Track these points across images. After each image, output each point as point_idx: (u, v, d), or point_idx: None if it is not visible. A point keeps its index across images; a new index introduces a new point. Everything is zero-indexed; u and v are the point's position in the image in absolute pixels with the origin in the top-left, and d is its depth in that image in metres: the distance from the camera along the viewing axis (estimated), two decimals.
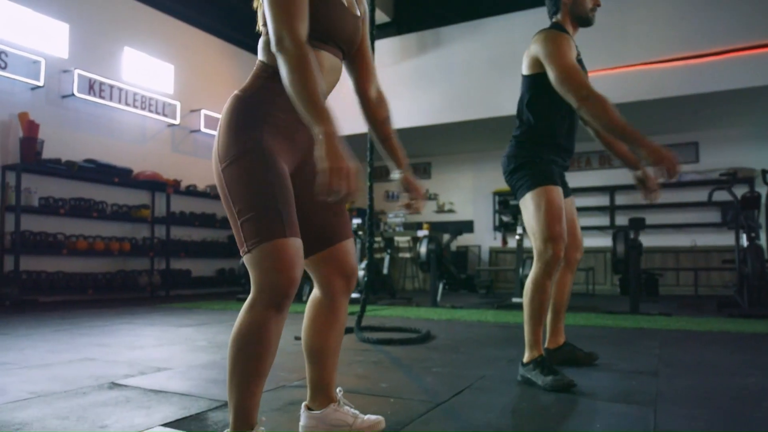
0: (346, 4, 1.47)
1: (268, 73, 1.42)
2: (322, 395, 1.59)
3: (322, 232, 1.52)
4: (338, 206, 1.56)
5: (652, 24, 7.33)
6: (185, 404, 1.93)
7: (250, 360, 1.29)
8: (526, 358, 2.29)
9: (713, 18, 6.97)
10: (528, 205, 2.36)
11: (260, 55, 1.45)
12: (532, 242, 2.35)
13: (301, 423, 1.59)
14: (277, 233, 1.27)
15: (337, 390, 1.61)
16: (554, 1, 2.50)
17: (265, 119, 1.38)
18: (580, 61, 2.45)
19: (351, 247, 1.58)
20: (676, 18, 7.21)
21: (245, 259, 1.31)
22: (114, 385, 2.21)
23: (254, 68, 1.46)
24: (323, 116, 1.21)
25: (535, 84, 2.41)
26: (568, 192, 2.61)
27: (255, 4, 1.49)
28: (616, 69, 7.32)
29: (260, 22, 1.46)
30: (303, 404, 1.61)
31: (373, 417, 1.59)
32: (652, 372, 2.51)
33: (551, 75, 2.25)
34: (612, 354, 2.99)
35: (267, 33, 1.42)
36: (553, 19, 2.52)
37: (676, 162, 1.95)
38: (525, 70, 2.46)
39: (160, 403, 1.95)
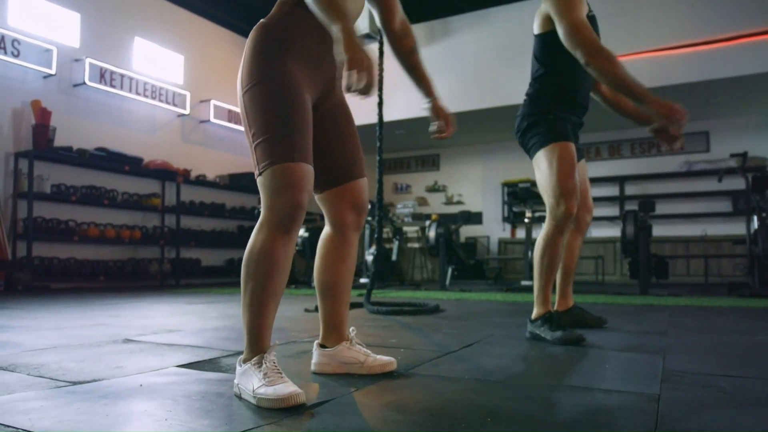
0: None
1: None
2: (335, 333, 1.61)
3: (337, 168, 1.55)
4: (354, 145, 1.59)
5: (662, 10, 7.29)
6: (198, 353, 1.95)
7: (260, 279, 1.33)
8: (534, 315, 2.30)
9: (723, 3, 6.93)
10: (540, 163, 2.36)
11: None
12: (545, 200, 2.34)
13: (314, 360, 1.61)
14: (287, 157, 1.31)
15: (350, 330, 1.63)
16: None
17: (290, 46, 1.41)
18: (592, 17, 2.44)
19: (364, 186, 1.60)
20: (685, 4, 7.18)
21: (258, 183, 1.36)
22: (128, 341, 2.24)
23: None
24: (340, 14, 1.27)
25: (547, 41, 2.40)
26: (582, 155, 2.60)
27: None
28: (626, 56, 7.27)
29: None
30: (315, 342, 1.63)
31: (385, 357, 1.61)
32: (661, 332, 2.51)
33: (560, 30, 2.24)
34: (621, 320, 2.99)
35: None
36: None
37: (686, 112, 1.95)
38: (536, 30, 2.45)
39: (173, 351, 1.98)
